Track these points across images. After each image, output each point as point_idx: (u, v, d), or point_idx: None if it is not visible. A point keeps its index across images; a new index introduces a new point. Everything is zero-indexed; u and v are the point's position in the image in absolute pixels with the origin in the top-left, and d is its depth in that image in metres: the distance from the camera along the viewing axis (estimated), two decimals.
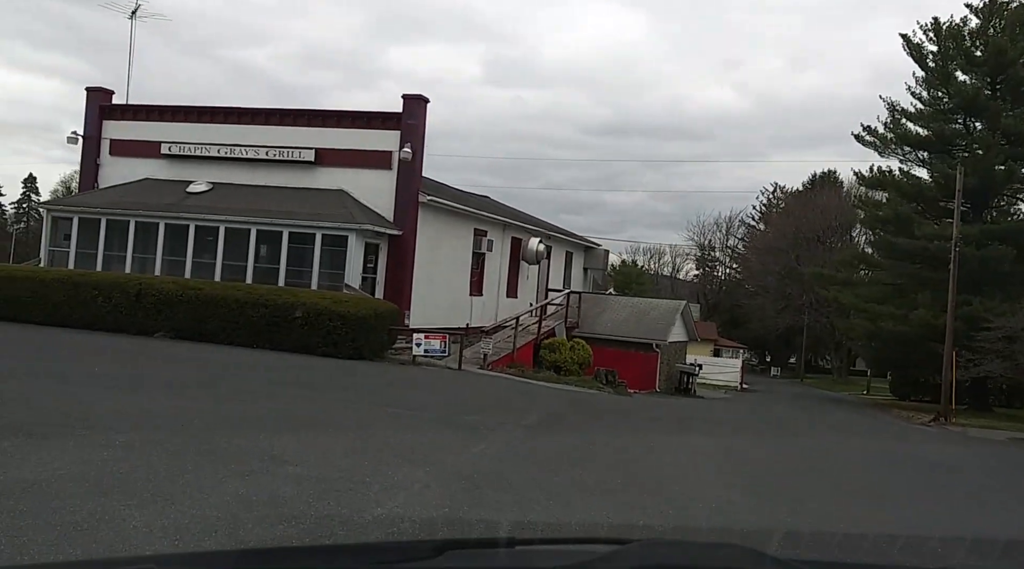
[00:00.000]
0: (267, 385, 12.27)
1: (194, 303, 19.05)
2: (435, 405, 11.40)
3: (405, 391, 12.93)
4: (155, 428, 7.62)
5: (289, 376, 13.54)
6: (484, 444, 8.33)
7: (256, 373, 13.57)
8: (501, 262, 27.93)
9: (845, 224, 75.21)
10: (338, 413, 9.60)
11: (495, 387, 16.74)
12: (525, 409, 12.50)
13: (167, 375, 12.50)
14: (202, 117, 23.89)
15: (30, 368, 11.88)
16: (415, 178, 22.21)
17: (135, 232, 22.42)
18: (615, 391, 23.35)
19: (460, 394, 14.17)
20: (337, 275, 21.38)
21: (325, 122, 22.98)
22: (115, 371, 12.52)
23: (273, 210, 21.79)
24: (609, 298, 34.80)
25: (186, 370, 13.44)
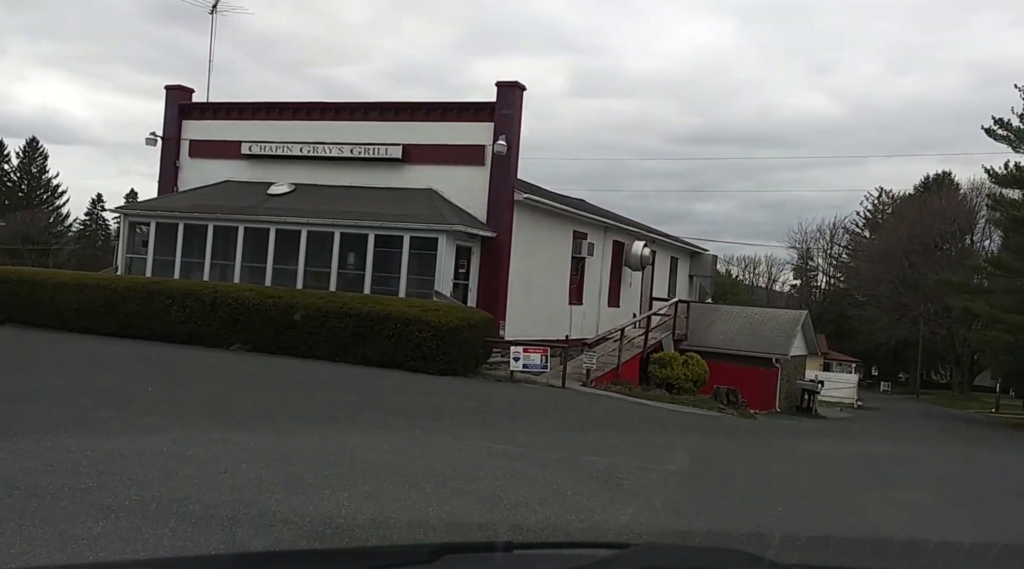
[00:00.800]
0: (346, 408, 10.20)
1: (272, 312, 17.34)
2: (550, 438, 9.06)
3: (510, 418, 10.67)
4: (181, 482, 5.56)
5: (372, 397, 11.49)
6: (632, 505, 5.94)
7: (335, 393, 11.56)
8: (602, 268, 25.47)
9: (964, 227, 69.70)
10: (433, 452, 7.37)
11: (610, 411, 14.31)
12: (662, 444, 10.03)
13: (226, 394, 10.60)
14: (284, 114, 22.38)
15: (90, 387, 10.18)
16: (510, 174, 20.04)
17: (213, 237, 20.99)
18: (739, 413, 20.53)
19: (574, 421, 11.80)
20: (426, 281, 19.38)
21: (413, 116, 21.08)
22: (157, 388, 10.70)
23: (358, 211, 19.99)
24: (720, 307, 31.85)
25: (251, 390, 11.53)
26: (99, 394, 9.58)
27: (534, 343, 18.38)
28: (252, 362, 15.55)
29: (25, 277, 19.68)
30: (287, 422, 8.47)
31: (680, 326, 28.19)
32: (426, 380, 15.08)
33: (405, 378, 15.09)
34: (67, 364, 13.33)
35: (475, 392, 14.35)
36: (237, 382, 12.15)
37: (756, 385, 27.08)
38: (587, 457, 7.88)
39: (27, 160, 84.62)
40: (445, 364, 16.31)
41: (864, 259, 74.41)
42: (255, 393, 10.88)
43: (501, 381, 17.08)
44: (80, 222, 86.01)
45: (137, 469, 5.62)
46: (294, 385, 12.75)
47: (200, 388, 11.27)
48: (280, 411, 9.35)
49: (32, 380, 10.65)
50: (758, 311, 30.96)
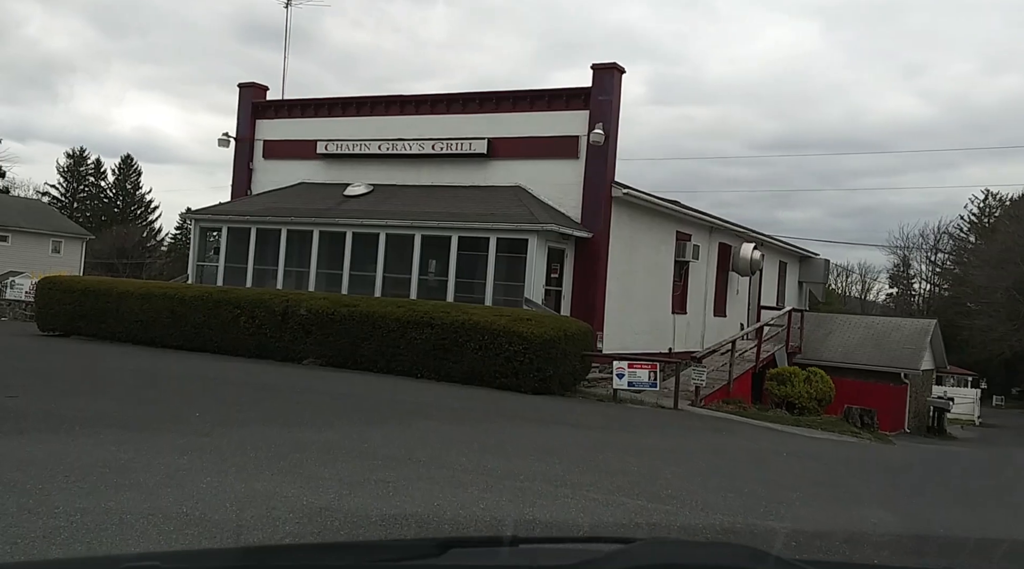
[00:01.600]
0: (429, 442, 8.22)
1: (348, 323, 15.63)
2: (688, 485, 6.85)
3: (626, 455, 8.51)
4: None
5: (461, 426, 9.50)
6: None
7: (416, 422, 9.60)
8: (707, 273, 23.01)
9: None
10: (540, 508, 5.28)
11: (741, 441, 11.93)
12: (833, 495, 7.65)
13: (276, 419, 8.78)
14: (361, 110, 20.83)
15: (130, 415, 8.53)
16: (607, 167, 17.90)
17: (287, 242, 19.54)
18: (875, 437, 17.77)
19: (704, 457, 9.52)
20: (514, 288, 17.39)
21: (499, 106, 19.19)
22: (204, 416, 8.96)
23: (440, 212, 18.18)
24: (836, 317, 28.86)
25: (313, 418, 9.69)
26: (131, 420, 7.91)
27: (639, 358, 16.15)
28: (324, 380, 13.82)
29: (91, 287, 18.60)
30: (363, 462, 6.54)
31: (794, 337, 25.41)
32: (519, 401, 13.04)
33: (494, 398, 13.09)
34: (111, 384, 11.83)
35: (577, 417, 12.22)
36: (301, 410, 10.35)
37: (883, 403, 23.99)
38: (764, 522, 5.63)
39: (122, 177, 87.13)
40: (539, 381, 14.25)
41: (976, 265, 68.87)
42: (323, 424, 9.02)
43: (603, 401, 14.89)
44: (171, 236, 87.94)
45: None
46: (367, 410, 10.89)
47: (255, 414, 9.49)
48: (345, 450, 7.45)
49: (74, 403, 9.10)
50: (880, 320, 27.83)
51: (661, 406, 15.17)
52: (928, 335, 26.15)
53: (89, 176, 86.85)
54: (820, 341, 26.63)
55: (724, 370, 20.59)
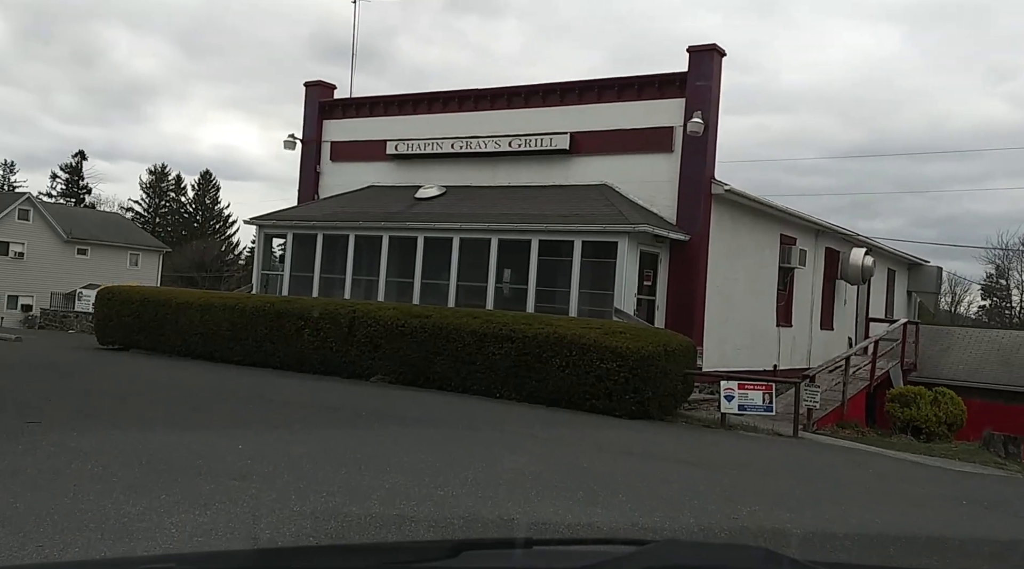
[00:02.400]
0: (523, 488, 6.47)
1: (419, 336, 14.08)
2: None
3: (777, 507, 6.59)
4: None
5: (552, 465, 7.72)
6: None
7: (503, 459, 7.87)
8: (814, 281, 20.73)
9: None
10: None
11: (897, 483, 9.80)
12: None
13: (348, 467, 7.16)
14: (433, 106, 19.39)
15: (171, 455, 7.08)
16: (707, 161, 15.95)
17: (355, 249, 18.17)
18: (1022, 469, 15.26)
19: (878, 506, 7.48)
20: (602, 297, 15.58)
21: (582, 98, 17.45)
22: (245, 451, 7.42)
23: (518, 213, 16.53)
24: (954, 330, 26.04)
25: (375, 455, 8.07)
26: (168, 461, 6.43)
27: (749, 377, 14.12)
28: (392, 401, 12.26)
29: (149, 297, 17.57)
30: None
31: (909, 353, 22.83)
32: (615, 428, 11.20)
33: (585, 424, 11.29)
34: (144, 407, 10.48)
35: (695, 451, 10.32)
36: (360, 443, 8.77)
37: (1014, 428, 21.26)
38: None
39: (201, 192, 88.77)
40: (636, 404, 12.38)
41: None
42: (386, 466, 7.41)
43: (710, 427, 12.92)
44: (248, 249, 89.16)
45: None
46: (440, 442, 9.23)
47: (312, 445, 7.93)
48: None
49: (94, 435, 7.73)
50: (1005, 334, 24.91)
51: (778, 433, 13.10)
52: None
53: (170, 192, 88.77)
54: (938, 357, 23.93)
55: (836, 389, 18.33)
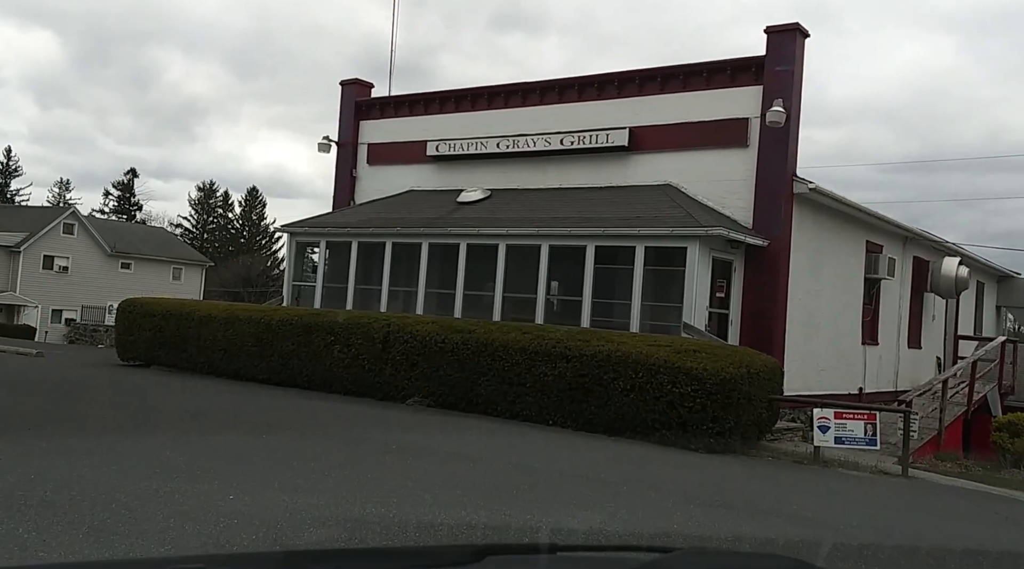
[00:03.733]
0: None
1: (460, 354, 12.39)
2: None
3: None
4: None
5: (632, 524, 5.90)
6: None
7: (555, 510, 6.09)
8: (901, 293, 18.56)
9: None
10: None
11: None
12: None
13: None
14: (477, 103, 17.79)
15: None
16: (788, 156, 14.04)
17: (392, 257, 16.60)
18: None
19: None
20: (667, 310, 13.74)
21: (643, 88, 15.68)
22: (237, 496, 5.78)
23: (571, 217, 14.79)
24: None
25: (399, 512, 6.36)
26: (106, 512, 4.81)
27: (841, 403, 12.14)
28: (429, 430, 10.57)
29: (172, 310, 16.18)
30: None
31: (1006, 375, 20.43)
32: (692, 466, 9.34)
33: (655, 460, 9.45)
34: (141, 428, 8.93)
35: (794, 498, 8.40)
36: (383, 490, 7.08)
37: None
38: None
39: (248, 208, 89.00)
40: (716, 435, 10.48)
41: None
42: (419, 525, 5.73)
43: (801, 462, 10.95)
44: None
45: None
46: (481, 487, 7.48)
47: (322, 495, 6.26)
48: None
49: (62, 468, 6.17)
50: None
51: (883, 471, 11.07)
52: None
53: (217, 208, 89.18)
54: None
55: (932, 416, 16.15)
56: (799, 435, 13.63)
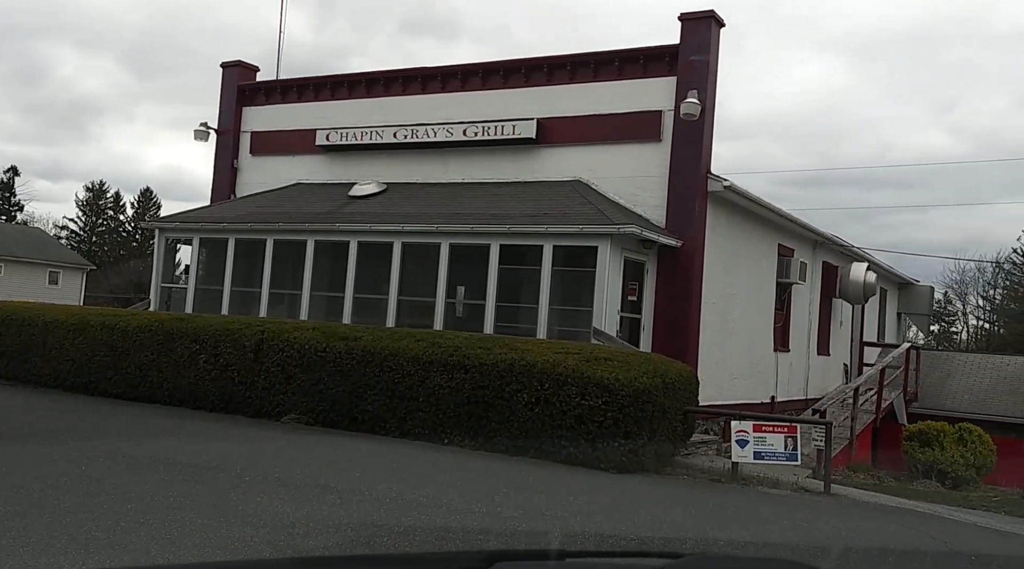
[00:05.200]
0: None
1: (344, 364, 10.95)
2: None
3: None
4: None
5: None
6: None
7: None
8: (811, 299, 18.11)
9: None
10: None
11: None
12: None
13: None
14: (372, 89, 16.35)
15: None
16: (702, 151, 13.20)
17: (273, 256, 14.96)
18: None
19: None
20: (577, 314, 12.67)
21: (552, 77, 14.61)
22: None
23: (475, 213, 13.55)
24: (954, 356, 23.77)
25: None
26: None
27: (758, 414, 11.30)
28: (298, 454, 9.12)
29: (12, 314, 14.06)
30: None
31: (910, 382, 20.37)
32: (603, 489, 8.21)
33: (563, 485, 8.28)
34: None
35: (716, 524, 7.35)
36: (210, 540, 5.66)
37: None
38: None
39: (141, 210, 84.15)
40: (628, 453, 9.41)
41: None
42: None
43: (718, 480, 9.99)
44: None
45: None
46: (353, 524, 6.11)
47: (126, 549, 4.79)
48: None
49: None
50: (1009, 360, 22.62)
51: (806, 489, 10.23)
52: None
53: (108, 210, 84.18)
54: (939, 386, 21.55)
55: (844, 425, 15.65)
56: (714, 448, 12.76)
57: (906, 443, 15.41)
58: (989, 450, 15.25)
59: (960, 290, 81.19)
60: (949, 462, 14.78)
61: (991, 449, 15.29)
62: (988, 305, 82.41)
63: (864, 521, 8.46)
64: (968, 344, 75.87)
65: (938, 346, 73.40)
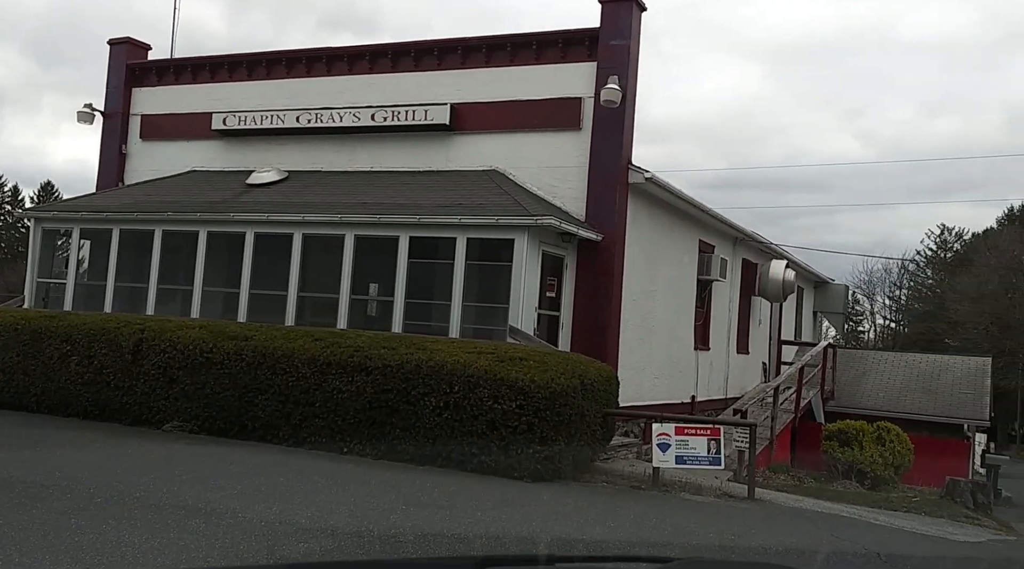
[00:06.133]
0: None
1: (233, 366, 9.90)
2: None
3: None
4: None
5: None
6: None
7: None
8: (731, 296, 17.82)
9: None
10: None
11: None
12: None
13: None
14: (274, 70, 15.21)
15: None
16: (624, 140, 12.61)
17: (163, 249, 13.69)
18: (1000, 525, 12.61)
19: None
20: (493, 312, 11.91)
21: (467, 60, 13.80)
22: None
23: (383, 203, 12.63)
24: (868, 354, 24.04)
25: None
26: None
27: (690, 418, 10.76)
28: (172, 470, 8.06)
29: None
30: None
31: (827, 380, 20.36)
32: (521, 502, 7.44)
33: (481, 499, 7.48)
34: None
35: (629, 539, 6.66)
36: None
37: (939, 464, 18.96)
38: None
39: (42, 205, 79.54)
40: (543, 460, 8.69)
41: (953, 299, 65.66)
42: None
43: (639, 487, 9.38)
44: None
45: None
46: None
47: None
48: None
49: None
50: (923, 358, 22.95)
51: (729, 494, 9.71)
52: (988, 376, 21.35)
53: (5, 204, 79.25)
54: (854, 384, 21.66)
55: (764, 424, 15.34)
56: (634, 451, 12.19)
57: (826, 443, 15.18)
58: (907, 449, 15.16)
59: (868, 290, 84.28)
60: (868, 462, 14.60)
61: (908, 448, 15.21)
62: (894, 305, 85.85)
63: (795, 532, 7.93)
64: (875, 343, 78.70)
65: (846, 344, 75.87)
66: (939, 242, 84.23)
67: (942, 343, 68.45)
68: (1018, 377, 58.12)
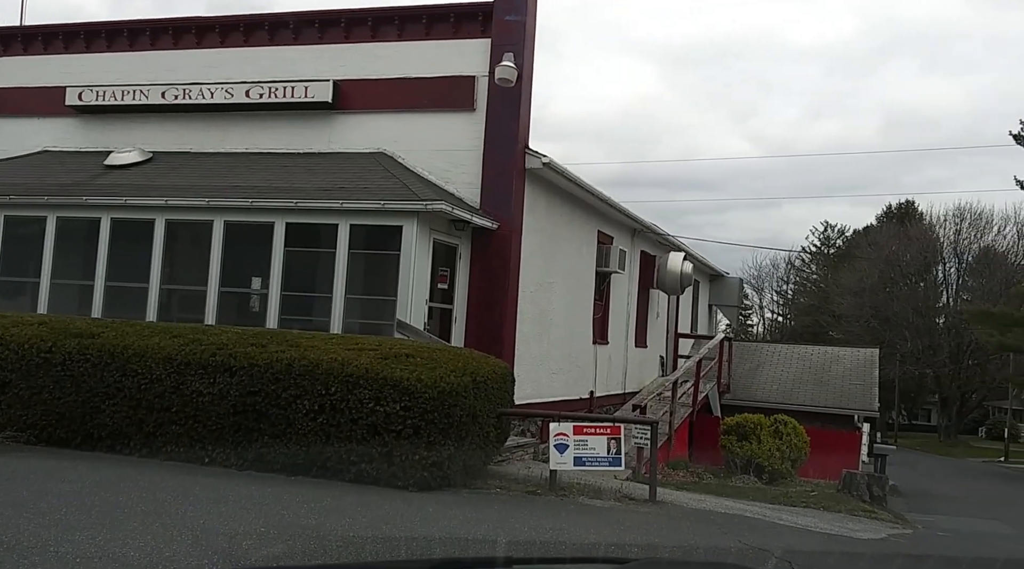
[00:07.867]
0: None
1: (75, 366, 8.66)
2: None
3: None
4: None
5: None
6: None
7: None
8: (630, 289, 17.45)
9: (933, 260, 64.89)
10: None
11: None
12: None
13: None
14: (137, 41, 13.77)
15: None
16: (520, 122, 11.92)
17: (5, 238, 12.12)
18: (895, 517, 12.63)
19: None
20: (380, 305, 10.99)
21: (350, 34, 12.80)
22: None
23: (257, 186, 11.51)
24: (762, 347, 24.33)
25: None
26: None
27: (588, 416, 10.16)
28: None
29: None
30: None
31: (724, 373, 20.35)
32: (400, 516, 6.61)
33: (350, 512, 6.61)
34: None
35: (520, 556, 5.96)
36: None
37: (832, 455, 19.22)
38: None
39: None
40: (431, 466, 7.89)
41: (837, 293, 68.56)
42: None
43: (535, 493, 8.69)
44: None
45: None
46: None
47: None
48: None
49: None
50: (814, 350, 23.34)
51: (630, 497, 9.15)
52: (876, 367, 21.86)
53: None
54: (748, 376, 21.78)
55: (663, 419, 14.98)
56: (531, 452, 11.53)
57: (724, 437, 14.94)
58: (803, 442, 15.08)
59: (757, 284, 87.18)
60: (766, 456, 14.43)
61: (805, 441, 15.13)
62: (781, 299, 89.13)
63: (702, 539, 7.39)
64: (764, 336, 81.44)
65: (736, 337, 78.24)
66: (823, 238, 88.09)
67: (827, 335, 71.42)
68: (896, 367, 61.15)
